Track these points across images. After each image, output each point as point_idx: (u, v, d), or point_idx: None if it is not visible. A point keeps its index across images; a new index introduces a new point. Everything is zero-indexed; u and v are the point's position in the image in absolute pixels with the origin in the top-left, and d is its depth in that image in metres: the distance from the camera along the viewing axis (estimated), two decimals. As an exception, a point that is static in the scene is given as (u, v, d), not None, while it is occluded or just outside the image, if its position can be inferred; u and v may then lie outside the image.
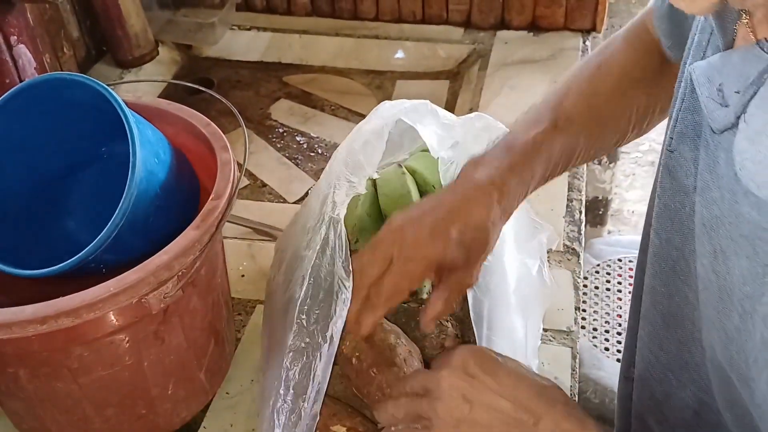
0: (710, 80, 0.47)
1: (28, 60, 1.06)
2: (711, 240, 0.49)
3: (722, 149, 0.47)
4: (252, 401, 0.79)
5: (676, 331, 0.60)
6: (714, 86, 0.46)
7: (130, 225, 0.65)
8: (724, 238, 0.47)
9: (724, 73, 0.45)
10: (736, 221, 0.45)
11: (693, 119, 0.52)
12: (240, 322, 0.89)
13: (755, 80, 0.42)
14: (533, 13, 1.38)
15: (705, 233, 0.49)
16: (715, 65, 0.47)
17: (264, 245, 1.00)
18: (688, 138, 0.53)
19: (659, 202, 0.58)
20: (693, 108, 0.52)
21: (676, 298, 0.59)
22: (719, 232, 0.47)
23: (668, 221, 0.57)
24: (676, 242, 0.56)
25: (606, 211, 1.92)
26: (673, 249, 0.57)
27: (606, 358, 1.42)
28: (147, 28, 1.34)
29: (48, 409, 0.69)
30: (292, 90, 1.36)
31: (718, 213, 0.47)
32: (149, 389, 0.70)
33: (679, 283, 0.58)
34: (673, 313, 0.60)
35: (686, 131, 0.53)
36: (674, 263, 0.58)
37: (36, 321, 0.57)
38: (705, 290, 0.51)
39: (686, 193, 0.54)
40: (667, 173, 0.56)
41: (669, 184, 0.56)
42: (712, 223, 0.48)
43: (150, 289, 0.61)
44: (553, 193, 1.04)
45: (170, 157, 0.72)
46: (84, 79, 0.67)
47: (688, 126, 0.53)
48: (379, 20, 1.45)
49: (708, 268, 0.50)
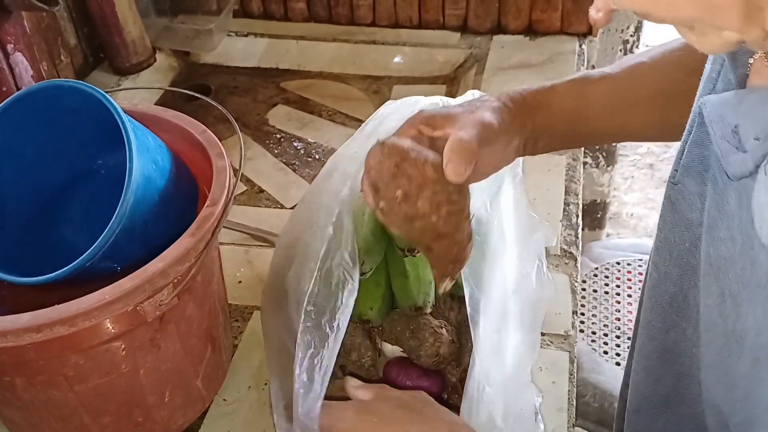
0: (723, 119, 0.44)
1: (25, 68, 1.06)
2: (718, 281, 0.47)
3: (733, 189, 0.44)
4: (249, 408, 0.79)
5: (672, 366, 0.59)
6: (728, 127, 0.43)
7: (127, 232, 0.65)
8: (734, 283, 0.45)
9: (740, 113, 0.43)
10: (750, 268, 0.43)
11: (701, 153, 0.50)
12: (237, 329, 0.89)
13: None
14: (529, 17, 1.39)
15: (711, 273, 0.48)
16: (728, 102, 0.44)
17: (261, 251, 1.00)
18: (694, 171, 0.51)
19: (659, 235, 0.57)
20: (701, 142, 0.50)
21: (672, 333, 0.58)
22: (728, 275, 0.45)
23: (667, 254, 0.56)
24: (674, 276, 0.55)
25: (604, 214, 1.92)
26: (670, 283, 0.56)
27: (605, 361, 1.42)
28: (144, 35, 1.34)
29: (44, 417, 0.68)
30: (290, 96, 1.36)
31: (727, 255, 0.45)
32: (146, 397, 0.70)
33: (676, 318, 0.57)
34: (669, 348, 0.59)
35: (693, 164, 0.51)
36: (671, 298, 0.57)
37: (32, 329, 0.57)
38: (708, 331, 0.50)
39: (688, 227, 0.52)
40: (670, 205, 0.54)
41: (670, 217, 0.54)
42: (720, 264, 0.46)
43: (145, 296, 0.61)
44: (550, 197, 1.04)
45: (169, 163, 0.72)
46: (82, 86, 0.67)
47: (694, 160, 0.51)
48: (376, 25, 1.46)
49: (714, 309, 0.48)
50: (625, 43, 1.60)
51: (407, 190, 0.57)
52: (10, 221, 0.74)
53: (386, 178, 0.58)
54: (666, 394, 0.61)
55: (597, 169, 1.80)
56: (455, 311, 0.82)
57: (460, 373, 0.77)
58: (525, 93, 0.65)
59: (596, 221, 1.92)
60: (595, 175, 1.81)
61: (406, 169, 0.58)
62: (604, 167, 1.80)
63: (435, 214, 0.58)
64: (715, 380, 0.50)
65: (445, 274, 0.61)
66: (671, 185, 0.54)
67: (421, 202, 0.57)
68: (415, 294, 0.76)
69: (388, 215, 0.60)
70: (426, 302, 0.77)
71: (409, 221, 0.58)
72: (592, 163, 1.79)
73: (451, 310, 0.82)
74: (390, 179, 0.58)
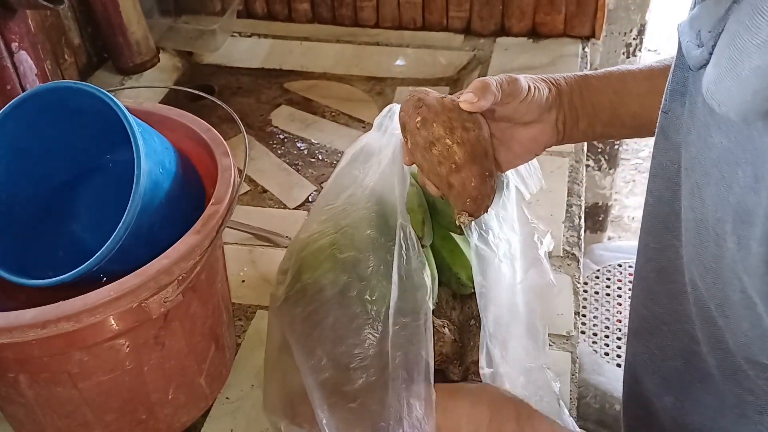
0: (691, 28, 0.50)
1: (29, 66, 1.07)
2: (689, 179, 0.52)
3: (700, 93, 0.49)
4: (252, 406, 0.79)
5: (667, 284, 0.62)
6: (694, 32, 0.49)
7: (135, 235, 0.65)
8: (699, 174, 0.50)
9: (701, 18, 0.48)
10: (708, 153, 0.48)
11: (682, 75, 0.54)
12: (240, 328, 0.89)
13: (722, 17, 0.45)
14: (533, 20, 1.39)
15: (686, 175, 0.53)
16: (695, 14, 0.50)
17: (265, 251, 1.00)
18: (677, 94, 0.55)
19: (654, 162, 0.60)
20: (680, 64, 0.54)
21: (667, 253, 0.61)
22: (695, 170, 0.50)
23: (660, 179, 0.59)
24: (667, 198, 0.59)
25: (606, 217, 1.92)
26: (664, 205, 0.59)
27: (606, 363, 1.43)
28: (148, 35, 1.35)
29: (48, 414, 0.69)
30: (293, 96, 1.37)
31: (694, 153, 0.51)
32: (149, 394, 0.70)
33: (670, 237, 0.60)
34: (665, 267, 0.62)
35: (677, 88, 0.55)
36: (665, 219, 0.60)
37: (36, 325, 0.57)
38: (686, 231, 0.54)
39: (675, 149, 0.56)
40: (662, 133, 0.58)
41: (663, 144, 0.58)
42: (690, 163, 0.51)
43: (150, 293, 0.61)
44: (553, 199, 1.05)
45: (176, 166, 0.72)
46: (90, 88, 0.67)
47: (678, 83, 0.55)
48: (380, 27, 1.46)
49: (687, 207, 0.53)
50: (628, 46, 1.61)
51: (425, 116, 0.66)
52: (19, 220, 0.74)
53: (410, 111, 0.68)
54: (661, 312, 0.64)
55: (599, 171, 1.80)
56: (457, 311, 0.82)
57: (462, 372, 0.77)
58: (566, 76, 0.72)
59: (598, 224, 1.93)
60: (597, 178, 1.81)
61: (425, 100, 0.67)
62: (606, 170, 1.80)
63: (449, 137, 0.65)
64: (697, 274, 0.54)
65: (464, 209, 0.66)
66: (663, 114, 0.58)
67: (437, 125, 0.65)
68: None
69: (413, 148, 0.67)
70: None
71: (428, 148, 0.65)
72: (594, 166, 1.79)
73: (453, 309, 0.82)
74: (413, 111, 0.67)
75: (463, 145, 0.64)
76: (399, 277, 0.68)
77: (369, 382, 0.66)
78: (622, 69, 0.73)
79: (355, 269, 0.72)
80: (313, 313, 0.72)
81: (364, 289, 0.71)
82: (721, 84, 0.43)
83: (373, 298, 0.70)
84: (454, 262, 0.81)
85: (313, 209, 0.80)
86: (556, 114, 0.70)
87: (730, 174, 0.46)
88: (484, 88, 0.65)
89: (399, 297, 0.68)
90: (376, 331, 0.69)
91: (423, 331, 0.67)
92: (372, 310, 0.70)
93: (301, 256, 0.76)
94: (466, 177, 0.65)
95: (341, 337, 0.69)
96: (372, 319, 0.69)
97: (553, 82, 0.71)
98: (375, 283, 0.70)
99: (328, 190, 0.80)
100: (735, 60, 0.42)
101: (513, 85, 0.67)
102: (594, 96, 0.71)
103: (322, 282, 0.73)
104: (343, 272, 0.72)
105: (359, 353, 0.68)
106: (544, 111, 0.69)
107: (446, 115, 0.66)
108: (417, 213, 0.77)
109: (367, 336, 0.69)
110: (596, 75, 0.72)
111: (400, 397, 0.65)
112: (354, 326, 0.69)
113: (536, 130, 0.70)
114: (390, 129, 0.78)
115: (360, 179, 0.78)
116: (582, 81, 0.72)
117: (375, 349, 0.68)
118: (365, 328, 0.69)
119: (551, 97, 0.70)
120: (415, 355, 0.66)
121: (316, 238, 0.76)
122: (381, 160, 0.76)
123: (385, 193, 0.75)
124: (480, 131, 0.66)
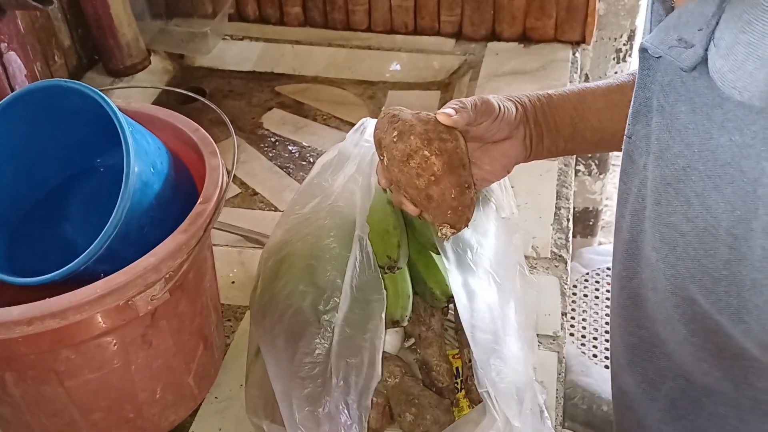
0: (665, 39, 0.50)
1: (18, 67, 1.07)
2: (681, 193, 0.51)
3: (682, 102, 0.50)
4: (241, 406, 0.79)
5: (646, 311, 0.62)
6: (672, 40, 0.49)
7: (123, 236, 0.65)
8: (698, 182, 0.49)
9: (681, 25, 0.49)
10: (713, 156, 0.48)
11: (644, 96, 0.55)
12: (229, 328, 0.89)
13: (715, 12, 0.46)
14: (524, 25, 1.40)
15: (671, 191, 0.52)
16: (665, 26, 0.50)
17: (254, 252, 1.00)
18: (641, 115, 0.56)
19: (620, 188, 0.61)
20: (644, 84, 0.55)
21: (635, 280, 0.62)
22: (692, 179, 0.50)
23: (623, 204, 0.60)
24: (628, 223, 0.59)
25: (596, 222, 1.92)
26: (626, 231, 0.60)
27: (594, 365, 1.43)
28: (139, 37, 1.35)
29: (35, 413, 0.68)
30: (285, 100, 1.37)
31: (685, 163, 0.50)
32: (137, 393, 0.70)
33: (633, 264, 0.61)
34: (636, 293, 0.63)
35: (640, 109, 0.56)
36: (627, 245, 0.61)
37: (23, 322, 0.57)
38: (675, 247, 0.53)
39: (637, 173, 0.56)
40: (627, 158, 0.59)
41: (630, 169, 0.59)
42: (680, 175, 0.51)
43: (137, 291, 0.61)
44: (541, 202, 1.05)
45: (167, 167, 0.72)
46: (81, 86, 0.67)
47: (641, 104, 0.55)
48: (372, 31, 1.46)
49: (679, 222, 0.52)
50: (618, 51, 1.62)
51: (402, 130, 0.66)
52: (10, 220, 0.74)
53: (386, 127, 0.67)
54: (649, 336, 0.64)
55: (590, 177, 1.81)
56: (435, 317, 0.83)
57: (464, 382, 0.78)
58: (529, 95, 0.73)
59: (588, 229, 1.93)
60: (588, 183, 1.82)
61: (400, 115, 0.68)
62: (596, 175, 1.81)
63: (427, 149, 0.64)
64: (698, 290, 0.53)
65: (445, 221, 0.65)
66: (627, 140, 0.58)
67: (414, 137, 0.65)
68: (393, 309, 0.77)
69: (390, 163, 0.67)
70: (403, 316, 0.78)
71: (405, 161, 0.65)
72: (585, 171, 1.80)
73: (432, 316, 0.83)
74: (389, 126, 0.67)
75: (441, 155, 0.64)
76: (350, 289, 0.69)
77: (315, 391, 0.67)
78: (581, 87, 0.75)
79: (312, 278, 0.73)
80: (276, 323, 0.73)
81: (318, 299, 0.71)
82: (740, 71, 0.44)
83: (327, 308, 0.71)
84: (429, 277, 0.81)
85: (281, 217, 0.81)
86: (523, 131, 0.72)
87: (753, 168, 0.46)
88: (462, 107, 0.67)
89: (349, 308, 0.68)
90: (326, 341, 0.69)
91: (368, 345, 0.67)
92: (323, 320, 0.70)
93: (267, 265, 0.77)
94: (446, 188, 0.64)
95: (295, 347, 0.70)
96: (323, 329, 0.70)
97: (519, 101, 0.73)
98: (330, 294, 0.71)
99: (296, 199, 0.81)
100: (754, 44, 0.43)
101: (486, 105, 0.69)
102: (555, 113, 0.73)
103: (283, 292, 0.74)
104: (301, 282, 0.73)
105: (309, 362, 0.69)
106: (513, 128, 0.71)
107: (422, 127, 0.66)
108: (392, 235, 0.77)
109: (316, 346, 0.69)
110: (557, 93, 0.74)
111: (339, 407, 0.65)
112: (306, 336, 0.70)
113: (507, 146, 0.72)
114: (361, 141, 0.78)
115: (327, 189, 0.78)
116: (544, 99, 0.73)
117: (323, 359, 0.69)
118: (315, 338, 0.70)
119: (518, 115, 0.71)
120: (358, 366, 0.67)
121: (280, 246, 0.77)
122: (348, 171, 0.77)
123: (349, 203, 0.75)
124: (457, 142, 0.66)
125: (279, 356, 0.71)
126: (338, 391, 0.66)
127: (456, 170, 0.65)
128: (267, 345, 0.72)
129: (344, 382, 0.67)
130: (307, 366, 0.69)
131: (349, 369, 0.67)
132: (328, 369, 0.68)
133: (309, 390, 0.67)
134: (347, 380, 0.67)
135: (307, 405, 0.66)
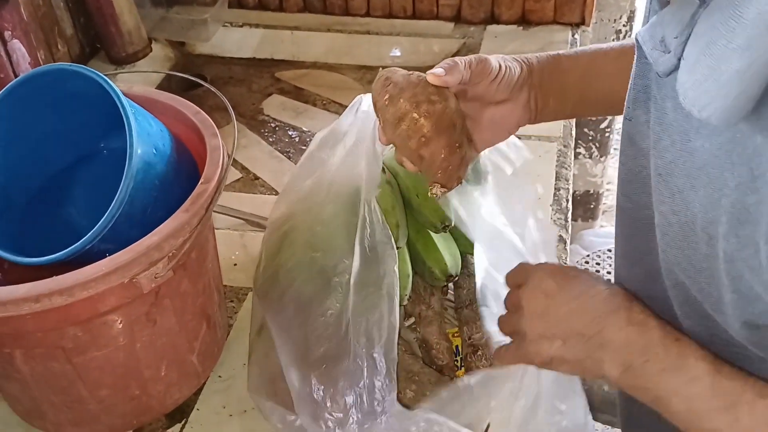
0: (652, 36, 0.50)
1: (22, 54, 1.08)
2: (668, 185, 0.52)
3: (669, 98, 0.50)
4: (244, 385, 0.81)
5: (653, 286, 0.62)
6: (657, 39, 0.49)
7: (127, 216, 0.66)
8: (680, 178, 0.50)
9: (664, 25, 0.49)
10: (690, 158, 0.49)
11: (643, 83, 0.55)
12: (232, 309, 0.90)
13: (689, 23, 0.46)
14: (523, 7, 1.40)
15: (662, 181, 0.53)
16: (655, 23, 0.50)
17: (256, 235, 1.01)
18: (640, 102, 0.56)
19: (622, 168, 0.61)
20: (642, 73, 0.55)
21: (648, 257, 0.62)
22: (675, 175, 0.51)
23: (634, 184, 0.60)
24: (644, 202, 0.59)
25: (597, 206, 1.93)
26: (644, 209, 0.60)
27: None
28: (140, 25, 1.36)
29: (43, 390, 0.70)
30: (285, 85, 1.38)
31: (671, 158, 0.51)
32: (142, 371, 0.71)
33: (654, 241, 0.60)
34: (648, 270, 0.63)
35: (639, 96, 0.56)
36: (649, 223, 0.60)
37: (30, 299, 0.58)
38: (665, 235, 0.54)
39: (644, 155, 0.56)
40: (627, 140, 0.59)
41: (630, 150, 0.59)
42: (667, 169, 0.51)
43: (141, 268, 0.62)
44: (541, 182, 1.06)
45: (170, 149, 0.73)
46: (85, 70, 0.68)
47: (639, 91, 0.55)
48: (370, 16, 1.47)
49: (667, 212, 0.53)
50: (618, 32, 1.62)
51: (392, 93, 0.67)
52: (17, 202, 0.75)
53: (379, 90, 0.68)
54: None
55: (590, 159, 1.82)
56: (435, 296, 0.84)
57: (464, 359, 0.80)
58: (539, 56, 0.73)
59: (589, 212, 1.94)
60: (589, 166, 1.83)
61: (392, 78, 0.68)
62: (597, 158, 1.82)
63: (416, 111, 0.65)
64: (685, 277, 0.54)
65: (436, 180, 0.67)
66: (626, 121, 0.58)
67: (403, 100, 0.66)
68: None
69: (384, 125, 0.68)
70: (403, 295, 0.79)
71: (397, 124, 0.66)
72: (586, 154, 1.81)
73: (432, 295, 0.84)
74: (381, 89, 0.68)
75: (429, 117, 0.65)
76: (362, 249, 0.70)
77: (331, 350, 0.68)
78: (594, 48, 0.74)
79: (320, 245, 0.74)
80: (284, 293, 0.74)
81: (328, 263, 0.73)
82: (699, 89, 0.44)
83: (337, 270, 0.72)
84: (428, 256, 0.82)
85: (281, 194, 0.82)
86: (527, 93, 0.71)
87: (718, 177, 0.46)
88: (452, 66, 0.67)
89: (361, 268, 0.70)
90: (337, 301, 0.70)
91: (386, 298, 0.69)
92: (334, 282, 0.71)
93: (271, 241, 0.78)
94: (435, 149, 0.66)
95: (307, 310, 0.71)
96: (335, 291, 0.71)
97: (525, 62, 0.72)
98: (340, 256, 0.72)
99: (296, 174, 0.82)
100: (713, 66, 0.42)
101: (482, 64, 0.68)
102: (563, 76, 0.72)
103: (290, 262, 0.75)
104: (308, 249, 0.74)
105: (322, 323, 0.70)
106: (515, 90, 0.70)
107: (411, 90, 0.66)
108: (391, 215, 0.78)
109: (329, 306, 0.71)
110: (567, 55, 0.74)
111: (361, 362, 0.66)
112: (318, 298, 0.71)
113: (507, 109, 0.71)
114: (359, 114, 0.79)
115: (327, 161, 0.79)
116: (553, 60, 0.72)
117: (337, 319, 0.70)
118: (327, 300, 0.71)
119: (522, 76, 0.70)
120: (378, 321, 0.68)
121: (283, 221, 0.78)
122: (347, 141, 0.78)
123: (351, 172, 0.76)
124: (446, 103, 0.67)
125: (289, 324, 0.72)
126: (361, 347, 0.67)
127: (446, 131, 0.66)
128: (274, 315, 0.73)
129: (366, 338, 0.68)
130: (320, 327, 0.70)
131: (371, 325, 0.68)
132: (341, 329, 0.69)
133: (324, 348, 0.68)
134: (369, 336, 0.68)
135: (324, 362, 0.67)
